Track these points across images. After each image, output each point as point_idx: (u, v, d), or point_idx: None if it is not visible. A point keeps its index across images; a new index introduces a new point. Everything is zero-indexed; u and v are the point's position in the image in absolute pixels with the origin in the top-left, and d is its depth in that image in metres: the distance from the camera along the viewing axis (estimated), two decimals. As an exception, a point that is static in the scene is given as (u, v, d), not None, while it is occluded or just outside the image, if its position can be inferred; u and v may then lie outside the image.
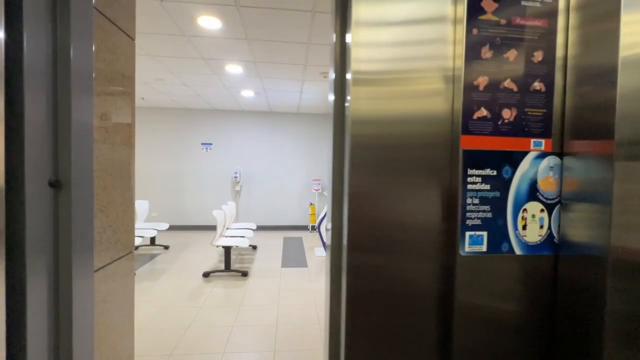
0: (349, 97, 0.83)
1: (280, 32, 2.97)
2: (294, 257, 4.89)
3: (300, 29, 2.89)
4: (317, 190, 7.01)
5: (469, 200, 0.81)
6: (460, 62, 0.81)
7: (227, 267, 3.98)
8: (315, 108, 6.57)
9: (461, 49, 0.81)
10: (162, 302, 3.20)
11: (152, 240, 5.27)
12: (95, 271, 0.88)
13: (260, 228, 7.03)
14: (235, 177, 6.73)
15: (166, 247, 5.24)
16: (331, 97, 0.93)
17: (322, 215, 5.12)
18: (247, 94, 5.35)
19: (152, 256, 4.80)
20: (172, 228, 6.72)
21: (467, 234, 0.81)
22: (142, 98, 5.82)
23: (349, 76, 0.83)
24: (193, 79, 4.55)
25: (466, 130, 0.80)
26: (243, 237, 4.37)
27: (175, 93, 5.42)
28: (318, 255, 5.00)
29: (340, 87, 0.91)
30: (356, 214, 0.82)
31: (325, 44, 3.22)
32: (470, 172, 0.80)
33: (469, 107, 0.81)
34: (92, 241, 0.83)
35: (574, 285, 0.79)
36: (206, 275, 3.92)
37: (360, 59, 0.81)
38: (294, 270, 4.25)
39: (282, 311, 3.05)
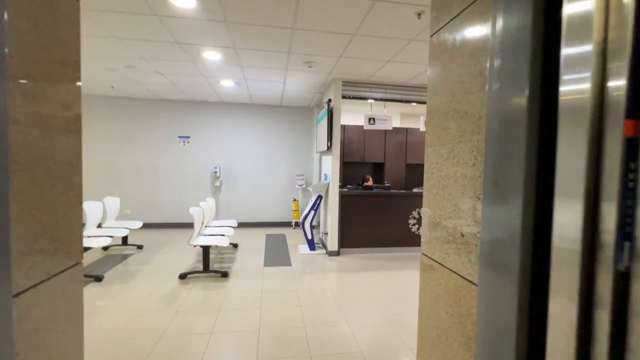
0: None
1: (261, 15, 2.74)
2: (277, 256, 4.71)
3: (284, 11, 2.68)
4: (300, 185, 6.82)
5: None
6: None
7: (206, 267, 3.74)
8: (299, 100, 6.35)
9: None
10: (134, 308, 2.94)
11: (124, 239, 4.92)
12: (18, 294, 0.67)
13: (241, 225, 6.77)
14: (215, 172, 6.44)
15: (140, 247, 4.92)
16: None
17: (306, 211, 4.95)
18: (227, 83, 5.06)
19: (124, 257, 4.48)
20: (147, 226, 6.35)
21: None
22: (112, 87, 5.40)
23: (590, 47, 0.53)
24: (167, 66, 4.23)
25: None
26: (223, 235, 4.13)
27: (149, 82, 5.06)
28: (302, 254, 4.84)
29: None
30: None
31: (312, 30, 3.02)
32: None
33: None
34: (7, 256, 0.62)
35: None
36: (183, 276, 3.67)
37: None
38: (277, 270, 4.07)
39: (265, 314, 2.87)
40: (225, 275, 3.75)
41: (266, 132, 6.89)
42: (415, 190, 5.31)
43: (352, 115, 7.38)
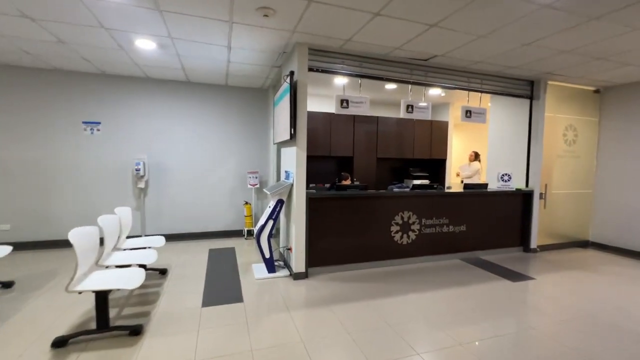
0: None
1: None
2: (222, 284, 3.43)
3: None
4: (254, 185, 5.54)
5: None
6: None
7: (103, 322, 2.36)
8: (250, 79, 5.04)
9: None
10: None
11: (-18, 273, 3.24)
12: None
13: (175, 238, 5.29)
14: (138, 171, 4.86)
15: (6, 285, 3.26)
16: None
17: (262, 221, 3.73)
18: (146, 45, 3.59)
19: (-27, 305, 2.85)
20: (32, 246, 4.58)
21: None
22: (-39, 43, 3.59)
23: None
24: (39, 4, 2.68)
25: None
26: (136, 266, 2.75)
27: (21, 37, 3.38)
28: (258, 278, 3.62)
29: None
30: None
31: None
32: None
33: None
34: None
35: None
36: (60, 343, 2.25)
37: None
38: (221, 312, 2.82)
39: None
40: (136, 332, 2.40)
41: (209, 120, 5.46)
42: (395, 189, 4.39)
43: (315, 100, 6.25)
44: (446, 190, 4.58)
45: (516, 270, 4.07)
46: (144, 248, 3.36)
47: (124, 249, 3.29)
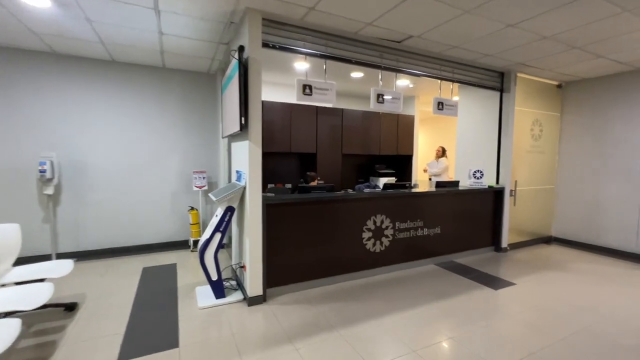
0: None
1: None
2: (153, 320, 2.63)
3: None
4: (201, 187, 4.70)
5: None
6: None
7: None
8: (193, 60, 4.17)
9: None
10: None
11: None
12: None
13: (101, 255, 4.29)
14: (43, 173, 3.78)
15: None
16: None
17: (207, 234, 2.98)
18: (35, 1, 2.63)
19: None
20: None
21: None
22: None
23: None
24: None
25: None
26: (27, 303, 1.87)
27: None
28: (202, 307, 2.86)
29: None
30: None
31: None
32: None
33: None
34: None
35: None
36: None
37: None
38: (145, 367, 2.05)
39: None
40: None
41: (143, 110, 4.49)
42: (366, 190, 3.88)
43: (272, 89, 5.54)
44: (419, 190, 4.17)
45: (493, 274, 3.78)
46: (36, 281, 2.43)
47: (1, 285, 2.34)
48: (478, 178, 4.55)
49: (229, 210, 2.98)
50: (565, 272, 3.87)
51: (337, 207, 3.42)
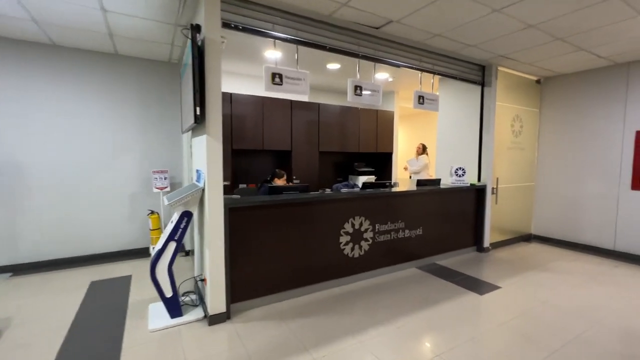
0: None
1: None
2: (91, 348, 2.19)
3: None
4: (162, 189, 4.23)
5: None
6: None
7: None
8: (151, 46, 3.70)
9: None
10: None
11: None
12: None
13: (43, 268, 3.74)
14: (-36, 173, 3.20)
15: None
16: None
17: (159, 245, 2.56)
18: None
19: None
20: None
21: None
22: None
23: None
24: None
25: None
26: None
27: None
28: (152, 330, 2.45)
29: None
30: None
31: None
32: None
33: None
34: None
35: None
36: None
37: None
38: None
39: None
40: None
41: (91, 102, 3.97)
42: (343, 190, 3.58)
43: (242, 81, 5.13)
44: (399, 189, 3.92)
45: (477, 277, 3.59)
46: None
47: None
48: (460, 176, 4.36)
49: (185, 215, 2.57)
50: (549, 273, 3.74)
51: (311, 210, 3.09)
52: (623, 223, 4.29)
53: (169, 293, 2.54)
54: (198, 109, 2.28)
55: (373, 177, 5.98)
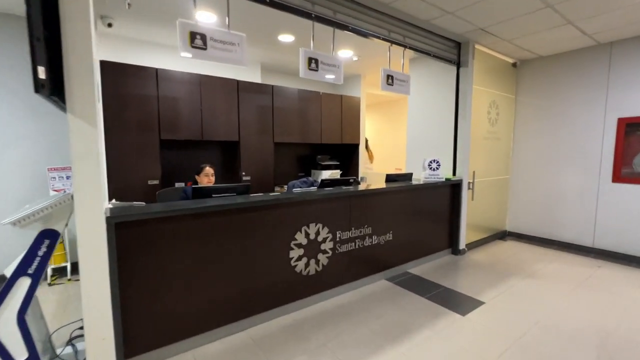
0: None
1: None
2: None
3: None
4: (60, 191, 3.24)
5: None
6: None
7: None
8: None
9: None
10: None
11: None
12: None
13: None
14: None
15: None
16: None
17: (15, 265, 1.67)
18: None
19: None
20: None
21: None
22: None
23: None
24: None
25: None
26: None
27: None
28: (-12, 418, 1.58)
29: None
30: None
31: None
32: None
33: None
34: None
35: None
36: None
37: None
38: None
39: None
40: None
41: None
42: (296, 189, 2.85)
43: (170, 55, 4.19)
44: (365, 187, 3.26)
45: (456, 288, 3.04)
46: None
47: None
48: (434, 169, 3.80)
49: (45, 237, 1.71)
50: (533, 279, 3.28)
51: (252, 218, 2.33)
52: (603, 218, 3.97)
53: (21, 355, 1.67)
54: (42, 68, 1.40)
55: (338, 171, 5.32)
